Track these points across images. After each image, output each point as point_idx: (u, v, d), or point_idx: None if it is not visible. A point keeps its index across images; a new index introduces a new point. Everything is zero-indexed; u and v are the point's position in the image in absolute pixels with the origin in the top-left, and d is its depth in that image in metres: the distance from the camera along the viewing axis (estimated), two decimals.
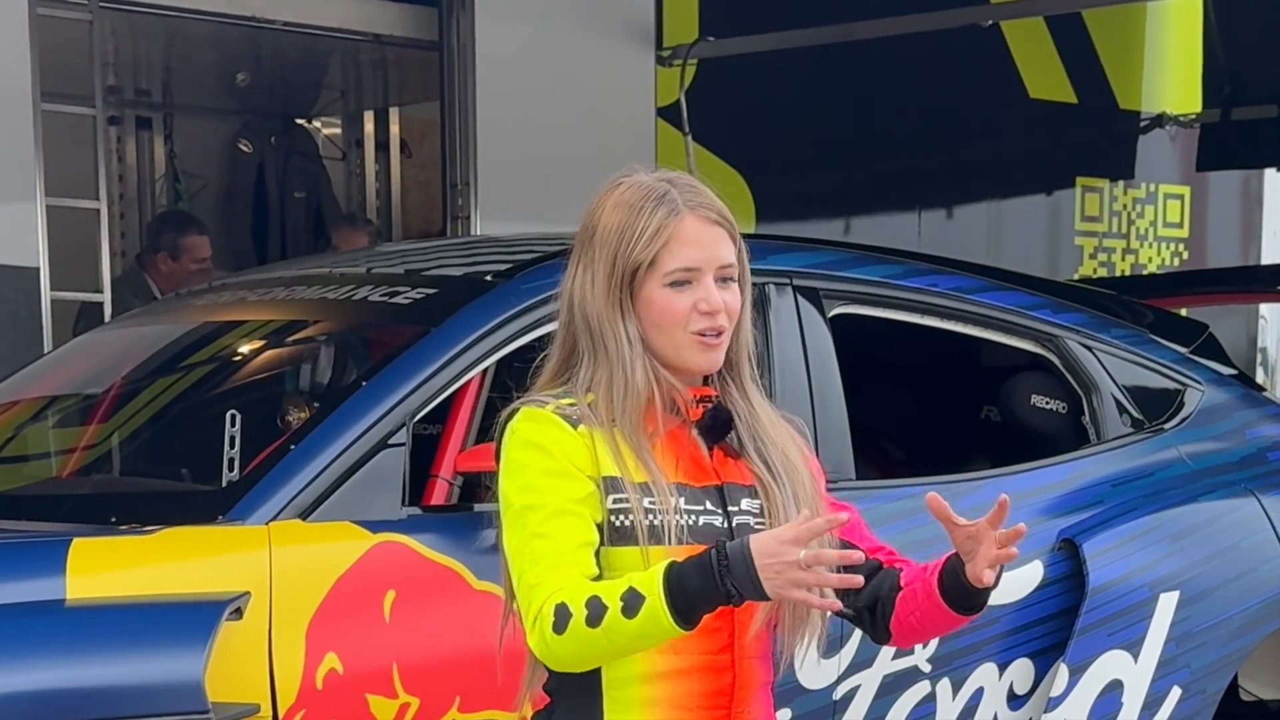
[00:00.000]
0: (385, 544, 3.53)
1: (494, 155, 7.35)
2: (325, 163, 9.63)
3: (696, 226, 2.67)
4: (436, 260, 4.58)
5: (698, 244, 2.66)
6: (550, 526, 2.60)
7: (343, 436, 3.64)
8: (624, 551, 2.62)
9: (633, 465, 2.64)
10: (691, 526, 2.64)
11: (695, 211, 2.67)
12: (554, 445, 2.63)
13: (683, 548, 2.60)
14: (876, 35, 7.88)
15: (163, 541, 3.45)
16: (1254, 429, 5.06)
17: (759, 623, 2.67)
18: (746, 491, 2.71)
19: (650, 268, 2.65)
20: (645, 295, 2.66)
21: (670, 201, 2.66)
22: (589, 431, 2.64)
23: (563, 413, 2.65)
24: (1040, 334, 4.75)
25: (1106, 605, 4.34)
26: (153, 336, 4.76)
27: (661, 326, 2.66)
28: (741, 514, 2.69)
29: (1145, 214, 10.57)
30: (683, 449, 2.70)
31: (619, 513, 2.62)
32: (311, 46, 7.87)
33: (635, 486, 2.62)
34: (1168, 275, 9.77)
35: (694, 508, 2.65)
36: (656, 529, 2.61)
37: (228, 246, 9.04)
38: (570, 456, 2.62)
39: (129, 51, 8.22)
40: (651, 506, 2.62)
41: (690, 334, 2.66)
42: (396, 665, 3.45)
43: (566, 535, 2.60)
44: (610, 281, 2.66)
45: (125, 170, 9.00)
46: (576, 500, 2.61)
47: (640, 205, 2.67)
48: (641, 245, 2.64)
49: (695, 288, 2.66)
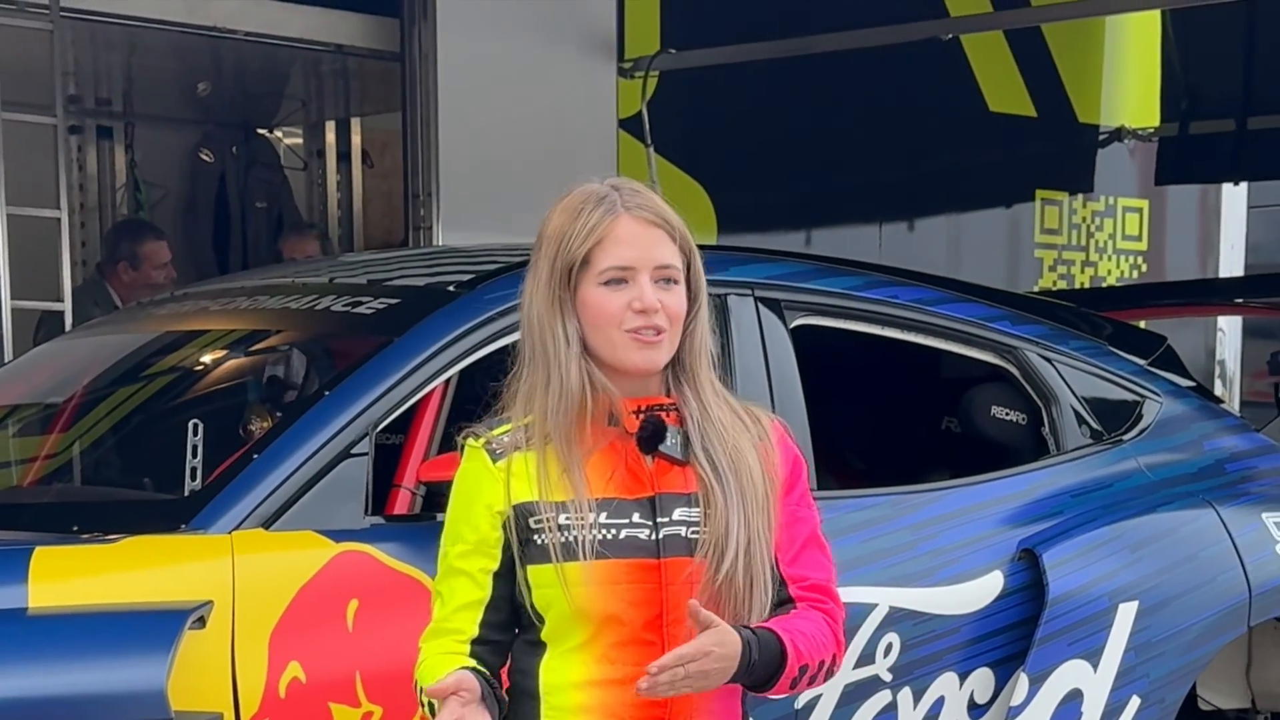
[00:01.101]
0: (348, 553, 3.53)
1: (456, 166, 7.35)
2: (287, 173, 9.61)
3: (632, 226, 2.70)
4: (399, 270, 4.58)
5: (632, 243, 2.69)
6: (443, 586, 2.79)
7: (305, 446, 3.64)
8: (542, 569, 2.69)
9: (556, 482, 2.69)
10: (609, 540, 2.67)
11: (632, 212, 2.71)
12: (470, 486, 2.77)
13: (606, 562, 2.65)
14: (837, 48, 7.91)
15: (125, 550, 3.44)
16: (1212, 440, 5.08)
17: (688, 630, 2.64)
18: (683, 500, 2.72)
19: (585, 266, 2.69)
20: (582, 295, 2.69)
21: (609, 203, 2.71)
22: (507, 464, 2.73)
23: (491, 446, 2.75)
24: (1000, 345, 4.77)
25: (1066, 615, 4.35)
26: (114, 346, 4.75)
27: (597, 326, 2.69)
28: (673, 525, 2.70)
29: (1104, 227, 10.62)
30: (620, 460, 2.72)
31: (537, 532, 2.69)
32: (273, 56, 7.86)
33: (551, 505, 2.68)
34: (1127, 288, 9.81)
35: (618, 521, 2.68)
36: (570, 545, 2.66)
37: (189, 256, 9.01)
38: (478, 498, 2.75)
39: (90, 61, 8.19)
40: (566, 523, 2.67)
41: (625, 332, 2.68)
42: (359, 674, 3.44)
43: (451, 596, 2.76)
44: (550, 283, 2.70)
45: (86, 179, 8.97)
46: (465, 553, 2.75)
47: (580, 208, 2.72)
48: (576, 244, 2.68)
49: (630, 287, 2.69)
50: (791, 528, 2.80)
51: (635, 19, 8.00)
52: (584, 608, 2.68)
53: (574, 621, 2.69)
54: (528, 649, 2.76)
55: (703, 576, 2.67)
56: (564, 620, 2.70)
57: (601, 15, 7.78)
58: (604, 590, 2.67)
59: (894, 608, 4.15)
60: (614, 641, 2.69)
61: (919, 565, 4.25)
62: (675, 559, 2.69)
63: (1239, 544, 4.78)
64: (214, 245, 9.33)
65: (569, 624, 2.70)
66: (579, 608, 2.68)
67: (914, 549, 4.27)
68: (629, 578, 2.68)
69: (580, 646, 2.70)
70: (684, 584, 2.68)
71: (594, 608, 2.68)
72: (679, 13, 8.18)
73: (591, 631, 2.69)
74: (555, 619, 2.71)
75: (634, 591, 2.68)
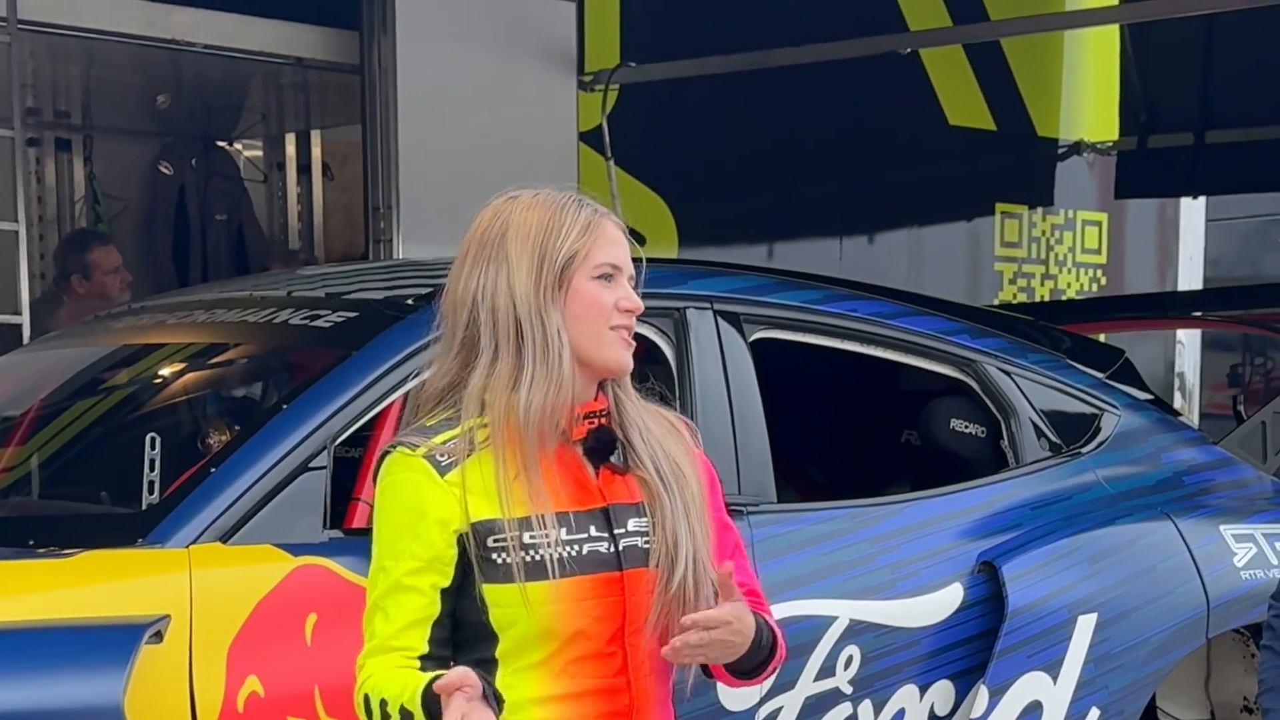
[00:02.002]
0: (306, 567, 3.52)
1: (416, 179, 7.33)
2: (247, 185, 9.57)
3: (615, 232, 2.74)
4: (358, 284, 4.57)
5: (619, 245, 2.74)
6: (388, 602, 2.65)
7: (264, 459, 3.63)
8: (503, 589, 2.63)
9: (517, 495, 2.63)
10: (576, 557, 2.65)
11: (610, 220, 2.75)
12: (415, 501, 2.65)
13: (566, 580, 2.62)
14: (797, 62, 7.92)
15: (82, 564, 3.43)
16: (1170, 453, 5.11)
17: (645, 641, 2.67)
18: (633, 510, 2.71)
19: (583, 260, 2.68)
20: (573, 288, 2.68)
21: (589, 206, 2.74)
22: (460, 476, 2.64)
23: (434, 456, 2.65)
24: (959, 359, 4.78)
25: (1026, 627, 4.37)
26: (72, 359, 4.73)
27: (586, 319, 2.68)
28: (629, 535, 2.69)
29: (1064, 240, 10.65)
30: (567, 471, 2.70)
31: (497, 550, 2.62)
32: (232, 69, 7.83)
33: (513, 523, 2.62)
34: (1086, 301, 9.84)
35: (578, 536, 2.66)
36: (537, 564, 2.62)
37: (148, 269, 8.97)
38: (429, 515, 2.64)
39: (48, 73, 8.15)
40: (531, 541, 2.63)
41: (611, 329, 2.69)
42: (318, 688, 3.43)
43: (399, 613, 2.64)
44: (539, 274, 2.67)
45: (45, 192, 8.91)
46: (415, 570, 2.63)
47: (562, 205, 2.72)
48: (575, 237, 2.69)
49: (616, 286, 2.71)
50: (722, 534, 2.81)
51: (595, 32, 8.00)
52: (550, 626, 2.64)
53: (536, 639, 2.65)
54: (478, 668, 2.57)
55: (657, 586, 2.67)
56: (524, 638, 2.65)
57: (561, 28, 7.78)
58: (571, 608, 2.64)
59: (854, 620, 4.16)
60: (576, 656, 2.66)
61: (879, 578, 4.26)
62: (635, 570, 2.68)
63: (1197, 556, 4.80)
64: (173, 258, 9.28)
65: (529, 642, 2.65)
66: (545, 626, 2.63)
67: (874, 561, 4.28)
68: (594, 593, 2.66)
69: (539, 663, 2.66)
70: (644, 594, 2.67)
71: (560, 625, 2.64)
72: (639, 26, 8.18)
73: (554, 648, 2.66)
74: (515, 637, 2.66)
75: (599, 606, 2.66)
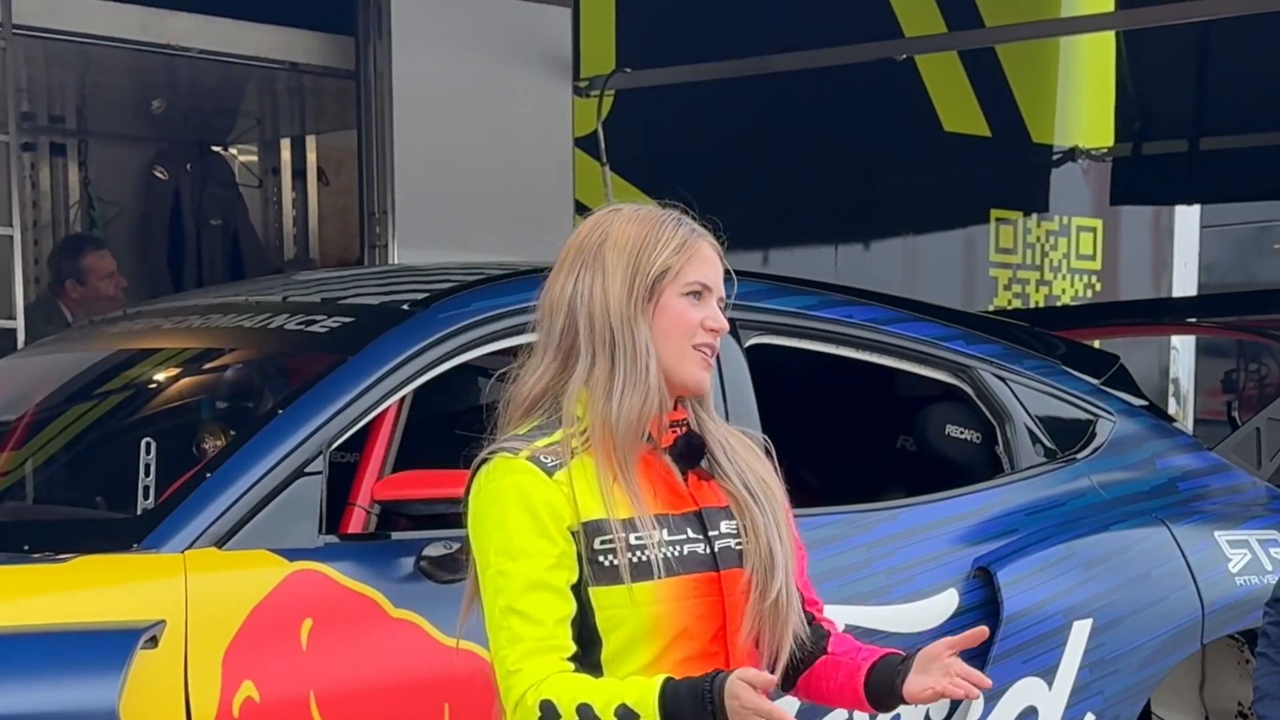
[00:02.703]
0: (302, 572, 3.52)
1: (411, 184, 7.33)
2: (241, 190, 9.57)
3: (710, 252, 2.78)
4: (354, 289, 4.57)
5: (712, 266, 2.77)
6: (526, 603, 2.63)
7: (259, 464, 3.63)
8: (611, 591, 2.65)
9: (618, 498, 2.66)
10: (678, 557, 2.68)
11: (706, 238, 2.78)
12: (532, 501, 2.65)
13: (671, 579, 2.66)
14: (792, 68, 7.93)
15: (77, 570, 3.43)
16: (1164, 459, 5.11)
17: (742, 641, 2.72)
18: (723, 514, 2.75)
19: (674, 276, 2.72)
20: (663, 302, 2.72)
21: (686, 224, 2.78)
22: (568, 477, 2.66)
23: (538, 459, 2.67)
24: (954, 365, 4.78)
25: (1021, 633, 4.37)
26: (67, 363, 4.73)
27: (671, 335, 2.72)
28: (722, 538, 2.73)
29: (1059, 246, 10.66)
30: (657, 475, 2.74)
31: (605, 553, 2.65)
32: (227, 74, 7.84)
33: (620, 524, 2.65)
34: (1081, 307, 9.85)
35: (678, 537, 2.70)
36: (644, 565, 2.65)
37: (143, 274, 8.97)
38: (547, 513, 2.65)
39: (43, 77, 8.15)
40: (637, 542, 2.66)
41: (694, 347, 2.73)
42: (314, 694, 3.43)
43: (543, 613, 2.63)
44: (632, 285, 2.70)
45: (39, 196, 8.91)
46: (550, 567, 2.63)
47: (661, 220, 2.76)
48: (669, 252, 2.73)
49: (704, 305, 2.74)
50: (798, 550, 2.85)
51: (591, 38, 8.01)
52: (656, 626, 2.66)
53: (643, 641, 2.67)
54: (588, 672, 2.64)
55: (751, 594, 2.71)
56: (631, 639, 2.67)
57: (557, 34, 7.78)
58: (675, 607, 2.67)
59: (849, 626, 4.15)
60: (681, 658, 2.68)
61: (874, 583, 4.26)
62: (730, 570, 2.73)
63: (1192, 562, 4.81)
64: (168, 263, 9.28)
65: (636, 643, 2.67)
66: (652, 626, 2.66)
67: (869, 567, 4.28)
68: (695, 593, 2.69)
69: (646, 666, 2.66)
70: (739, 594, 2.72)
71: (666, 625, 2.67)
72: (635, 32, 8.19)
73: (659, 650, 2.67)
74: (620, 639, 2.67)
75: (700, 606, 2.70)
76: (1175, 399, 11.00)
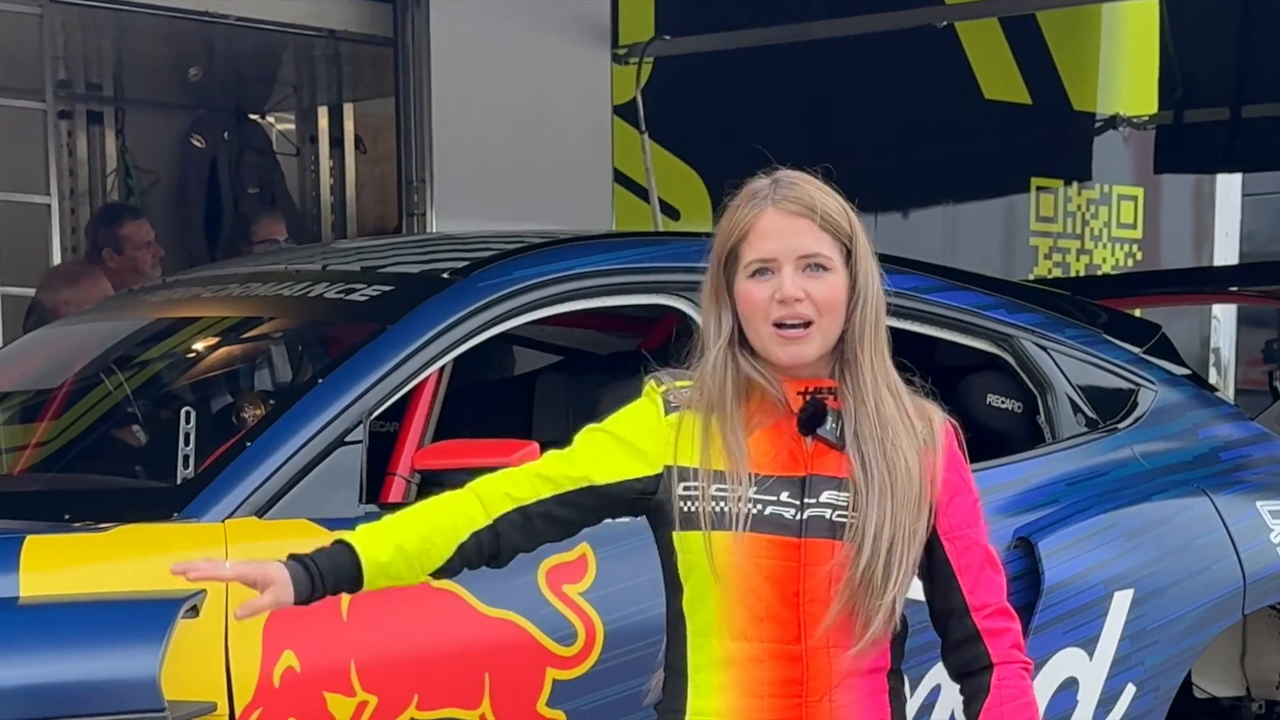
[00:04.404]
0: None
1: (450, 152, 7.32)
2: (279, 158, 9.57)
3: (775, 219, 2.77)
4: (393, 257, 4.56)
5: (773, 235, 2.76)
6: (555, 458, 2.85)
7: (299, 434, 3.63)
8: (691, 535, 2.75)
9: (719, 452, 2.75)
10: (760, 515, 2.73)
11: (777, 204, 2.78)
12: (634, 422, 2.84)
13: (746, 534, 2.72)
14: (832, 35, 7.89)
15: (117, 539, 3.43)
16: (1206, 429, 5.08)
17: (831, 617, 2.72)
18: (833, 484, 2.76)
19: (734, 261, 2.77)
20: (737, 288, 2.77)
21: (760, 197, 2.79)
22: (679, 419, 2.80)
23: (669, 396, 2.83)
24: (996, 334, 4.76)
25: (1062, 603, 4.35)
26: (106, 333, 4.73)
27: (748, 318, 2.77)
28: (818, 507, 2.74)
29: (1099, 215, 10.60)
30: (781, 440, 2.78)
31: (688, 499, 2.76)
32: (265, 42, 7.83)
33: (709, 474, 2.74)
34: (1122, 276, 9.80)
35: (766, 497, 2.74)
36: (722, 515, 2.73)
37: (180, 242, 8.98)
38: (642, 437, 2.82)
39: (80, 45, 8.15)
40: (720, 493, 2.73)
41: (771, 327, 2.74)
42: (354, 663, 3.43)
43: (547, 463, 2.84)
44: (714, 275, 2.80)
45: (76, 165, 8.92)
46: (596, 456, 2.82)
47: (738, 205, 2.81)
48: (733, 238, 2.78)
49: (774, 278, 2.75)
50: (969, 551, 2.83)
51: (629, 5, 7.98)
52: (724, 577, 2.73)
53: (712, 590, 2.75)
54: (675, 625, 2.82)
55: (849, 564, 2.71)
56: (703, 587, 2.76)
57: (595, 1, 7.76)
58: (746, 561, 2.72)
59: None
60: (751, 616, 2.74)
61: None
62: (817, 540, 2.73)
63: (1233, 532, 4.78)
64: (206, 231, 9.29)
65: (707, 593, 2.76)
66: (720, 576, 2.73)
67: None
68: (770, 553, 2.73)
69: (718, 619, 2.76)
70: (823, 565, 2.73)
71: (734, 578, 2.73)
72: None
73: (728, 602, 2.75)
74: (695, 585, 2.77)
75: (774, 567, 2.73)
76: (1216, 369, 10.94)
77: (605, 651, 3.71)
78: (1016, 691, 2.81)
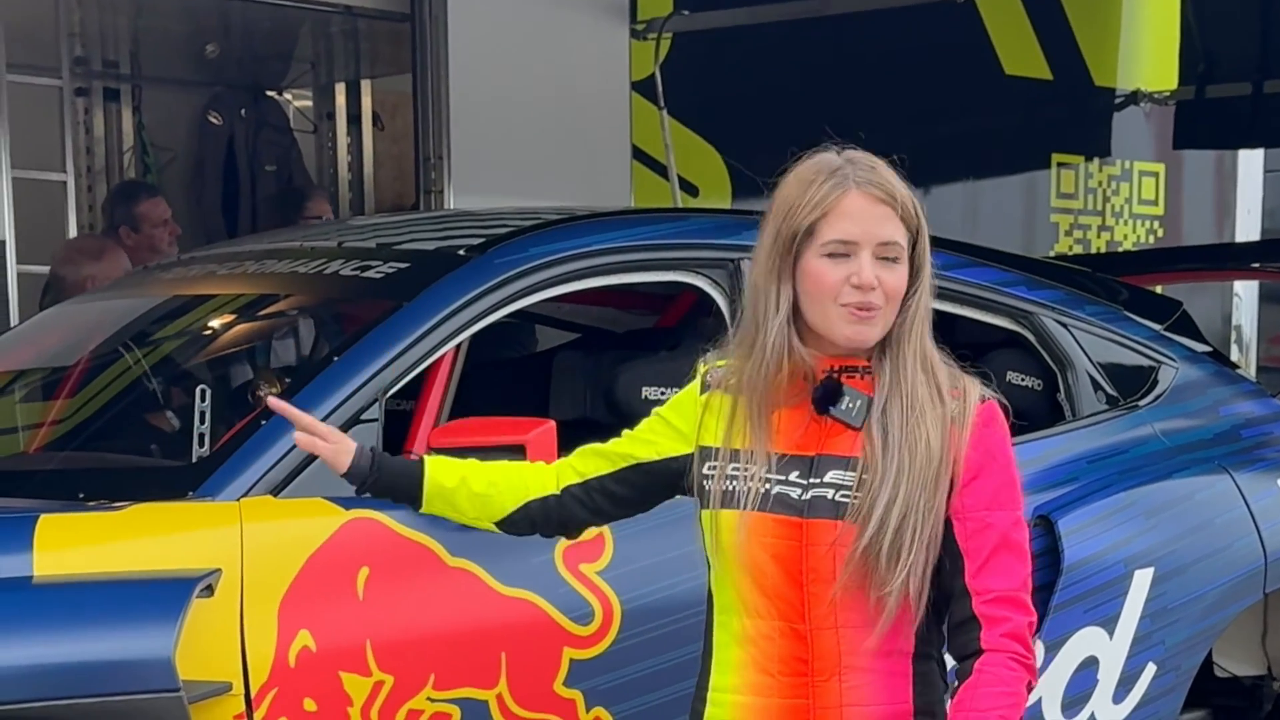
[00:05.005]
0: (358, 520, 3.50)
1: (467, 128, 7.30)
2: (296, 135, 9.56)
3: (859, 202, 2.75)
4: (409, 234, 4.54)
5: (857, 219, 2.74)
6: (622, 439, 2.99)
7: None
8: (707, 515, 2.82)
9: (740, 431, 2.80)
10: (765, 494, 2.76)
11: (861, 188, 2.76)
12: (680, 401, 2.95)
13: (753, 513, 2.75)
14: (851, 10, 7.87)
15: (132, 518, 3.42)
16: (1227, 406, 5.06)
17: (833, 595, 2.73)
18: (840, 464, 2.75)
19: (809, 236, 2.74)
20: (803, 264, 2.75)
21: (840, 176, 2.77)
22: (707, 399, 2.88)
23: (709, 376, 2.91)
24: (1016, 310, 4.74)
25: (1082, 582, 4.33)
26: (121, 310, 4.72)
27: (814, 296, 2.75)
28: (821, 487, 2.75)
29: (1120, 191, 10.56)
30: (800, 419, 2.80)
31: (708, 477, 2.82)
32: (282, 18, 7.82)
33: (727, 453, 2.80)
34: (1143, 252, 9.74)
35: (776, 477, 2.77)
36: (733, 494, 2.78)
37: (197, 219, 8.98)
38: (680, 417, 2.93)
39: (96, 22, 8.15)
40: (734, 472, 2.78)
41: (840, 306, 2.73)
42: (370, 643, 3.42)
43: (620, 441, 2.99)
44: (772, 249, 2.77)
45: (93, 142, 8.91)
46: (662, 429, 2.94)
47: (812, 179, 2.78)
48: (803, 214, 2.75)
49: (851, 261, 2.73)
50: (980, 534, 2.77)
51: None
52: (732, 555, 2.78)
53: (728, 568, 2.81)
54: (708, 603, 2.89)
55: (850, 543, 2.71)
56: (722, 567, 2.82)
57: None
58: (750, 539, 2.76)
59: None
60: (761, 594, 2.77)
61: None
62: (819, 520, 2.74)
63: (1254, 510, 4.76)
64: (222, 209, 9.28)
65: (726, 570, 2.81)
66: (730, 554, 2.79)
67: None
68: (774, 533, 2.76)
69: (736, 597, 2.81)
70: (824, 545, 2.73)
71: (740, 556, 2.77)
72: None
73: (738, 577, 2.80)
74: (717, 565, 2.84)
75: (778, 546, 2.76)
76: (1237, 346, 10.91)
77: (622, 631, 3.70)
78: (995, 679, 2.73)
